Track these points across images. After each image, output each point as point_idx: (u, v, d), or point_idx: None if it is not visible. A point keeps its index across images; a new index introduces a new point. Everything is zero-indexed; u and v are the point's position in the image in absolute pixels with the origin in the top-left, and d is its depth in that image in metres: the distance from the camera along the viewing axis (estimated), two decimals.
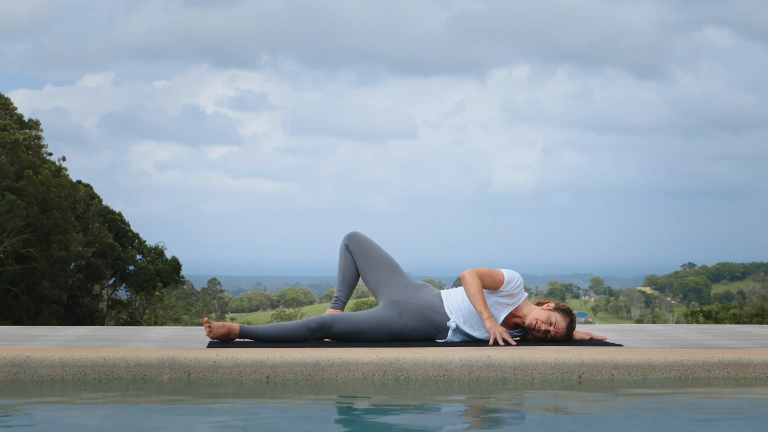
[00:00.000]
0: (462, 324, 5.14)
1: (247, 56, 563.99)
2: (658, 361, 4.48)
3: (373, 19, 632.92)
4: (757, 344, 5.36)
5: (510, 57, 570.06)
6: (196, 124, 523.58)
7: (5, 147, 29.72)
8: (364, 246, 5.42)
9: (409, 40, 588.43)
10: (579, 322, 6.38)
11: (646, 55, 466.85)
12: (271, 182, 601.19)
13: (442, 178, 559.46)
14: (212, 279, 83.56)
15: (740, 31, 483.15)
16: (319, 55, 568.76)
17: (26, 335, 5.65)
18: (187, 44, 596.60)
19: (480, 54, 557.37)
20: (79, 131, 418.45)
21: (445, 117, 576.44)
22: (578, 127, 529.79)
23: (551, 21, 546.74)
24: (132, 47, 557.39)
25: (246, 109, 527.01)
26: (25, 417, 3.64)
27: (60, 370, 4.30)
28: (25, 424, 3.49)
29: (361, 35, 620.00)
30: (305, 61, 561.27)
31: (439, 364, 4.39)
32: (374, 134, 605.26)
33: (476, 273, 5.11)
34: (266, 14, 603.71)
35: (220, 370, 4.31)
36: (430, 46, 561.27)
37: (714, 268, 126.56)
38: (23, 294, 30.42)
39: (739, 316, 33.10)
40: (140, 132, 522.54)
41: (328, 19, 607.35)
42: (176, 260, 40.43)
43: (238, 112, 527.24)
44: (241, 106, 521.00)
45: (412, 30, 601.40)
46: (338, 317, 5.12)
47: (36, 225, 29.57)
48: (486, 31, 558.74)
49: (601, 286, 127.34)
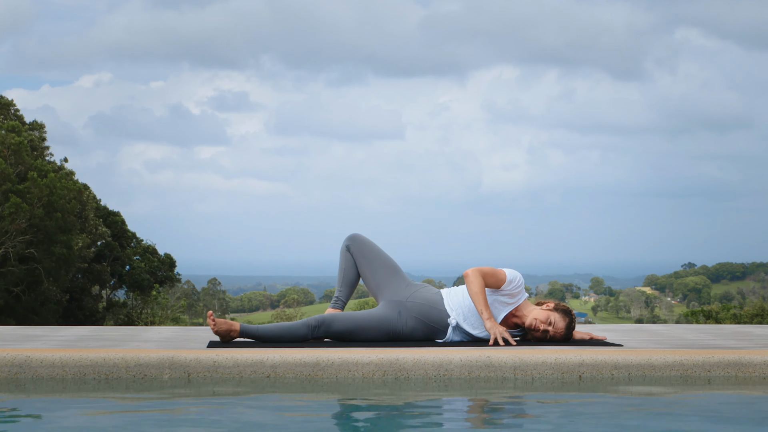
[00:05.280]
0: (462, 322, 5.14)
1: (232, 56, 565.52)
2: (658, 361, 4.48)
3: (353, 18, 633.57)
4: (757, 344, 5.36)
5: (489, 58, 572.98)
6: (184, 125, 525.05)
7: (9, 149, 29.73)
8: (365, 247, 5.44)
9: (390, 40, 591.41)
10: (579, 322, 6.38)
11: (624, 56, 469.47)
12: (263, 182, 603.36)
13: (432, 178, 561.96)
14: (212, 279, 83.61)
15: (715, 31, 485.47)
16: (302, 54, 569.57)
17: (26, 335, 5.65)
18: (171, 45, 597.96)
19: (459, 55, 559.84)
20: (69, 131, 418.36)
21: (430, 117, 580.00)
22: (562, 128, 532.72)
23: (527, 21, 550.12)
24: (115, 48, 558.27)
25: (232, 109, 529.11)
26: (25, 417, 3.64)
27: (60, 370, 4.30)
28: (25, 424, 3.49)
29: (342, 35, 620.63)
30: (288, 61, 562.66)
31: (439, 364, 4.39)
32: (360, 134, 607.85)
33: (479, 271, 5.12)
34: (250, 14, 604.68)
35: (220, 370, 4.31)
36: (410, 47, 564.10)
37: (714, 268, 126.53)
38: (24, 294, 30.43)
39: (739, 316, 33.12)
40: (128, 132, 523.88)
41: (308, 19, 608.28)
42: (170, 257, 40.26)
43: (225, 112, 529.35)
44: (227, 106, 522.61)
45: (392, 30, 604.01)
46: (338, 316, 5.14)
47: (39, 227, 29.59)
48: (463, 31, 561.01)
49: (601, 286, 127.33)
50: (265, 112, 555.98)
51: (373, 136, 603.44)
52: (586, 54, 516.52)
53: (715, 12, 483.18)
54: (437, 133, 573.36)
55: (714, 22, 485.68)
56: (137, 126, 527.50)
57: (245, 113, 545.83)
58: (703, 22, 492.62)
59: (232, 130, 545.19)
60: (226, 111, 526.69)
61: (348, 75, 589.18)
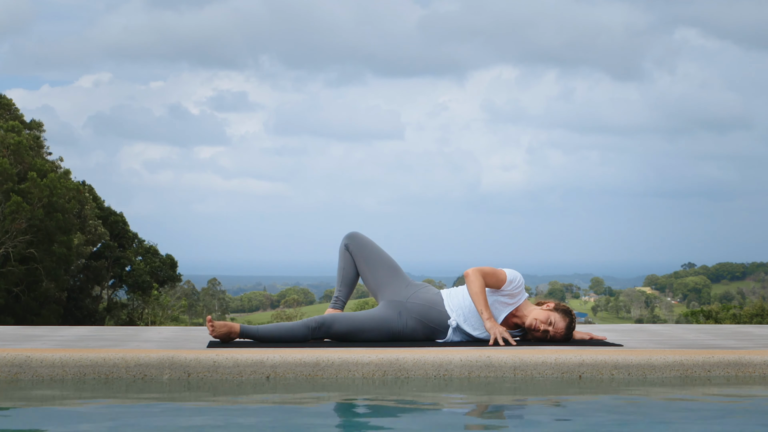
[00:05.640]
0: (462, 323, 5.14)
1: (231, 56, 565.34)
2: (658, 361, 4.48)
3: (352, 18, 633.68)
4: (757, 344, 5.36)
5: (488, 58, 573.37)
6: (183, 125, 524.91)
7: (9, 149, 29.73)
8: (364, 246, 5.41)
9: (389, 40, 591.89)
10: (579, 322, 6.38)
11: (623, 56, 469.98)
12: (262, 182, 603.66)
13: (431, 178, 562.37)
14: (212, 279, 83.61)
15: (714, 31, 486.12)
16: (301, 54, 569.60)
17: (26, 335, 5.65)
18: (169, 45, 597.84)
19: (458, 55, 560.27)
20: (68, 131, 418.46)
21: (429, 117, 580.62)
22: (562, 128, 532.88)
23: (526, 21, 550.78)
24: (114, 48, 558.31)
25: (231, 109, 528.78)
26: (25, 417, 3.64)
27: (60, 370, 4.30)
28: (25, 425, 3.49)
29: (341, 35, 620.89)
30: (287, 61, 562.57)
31: (439, 364, 4.39)
32: (360, 134, 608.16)
33: (480, 271, 5.11)
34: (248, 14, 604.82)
35: (220, 370, 4.31)
36: (409, 47, 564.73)
37: (714, 268, 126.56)
38: (24, 294, 30.44)
39: (739, 316, 33.11)
40: (127, 132, 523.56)
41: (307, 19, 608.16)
42: (171, 257, 40.27)
43: (224, 112, 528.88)
44: (226, 106, 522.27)
45: (391, 30, 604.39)
46: (338, 317, 5.12)
47: (39, 227, 29.60)
48: (462, 31, 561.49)
49: (601, 286, 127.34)
50: (264, 112, 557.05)
51: (372, 136, 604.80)
52: (585, 54, 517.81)
53: (713, 12, 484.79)
54: (436, 133, 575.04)
55: (712, 22, 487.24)
56: (136, 126, 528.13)
57: (244, 113, 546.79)
58: (701, 22, 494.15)
59: (231, 130, 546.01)
60: (225, 111, 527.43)
61: (347, 75, 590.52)
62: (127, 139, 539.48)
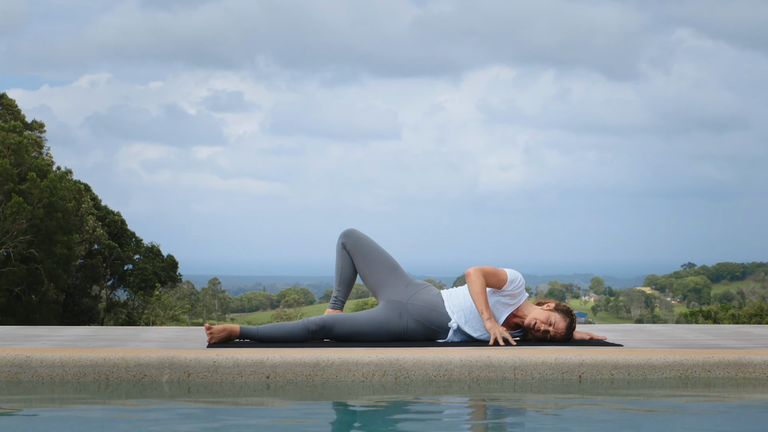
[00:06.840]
0: (463, 325, 5.13)
1: (226, 56, 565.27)
2: (658, 361, 4.48)
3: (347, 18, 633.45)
4: (757, 344, 5.36)
5: (483, 58, 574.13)
6: (180, 125, 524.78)
7: (9, 149, 29.73)
8: (361, 244, 5.35)
9: (384, 40, 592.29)
10: (579, 322, 6.38)
11: (618, 56, 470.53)
12: (260, 182, 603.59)
13: (429, 178, 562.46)
14: (212, 279, 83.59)
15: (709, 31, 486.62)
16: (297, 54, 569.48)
17: (26, 335, 5.65)
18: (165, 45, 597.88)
19: (454, 55, 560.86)
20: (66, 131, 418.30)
21: (426, 117, 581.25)
22: (558, 128, 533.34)
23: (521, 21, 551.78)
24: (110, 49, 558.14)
25: (227, 109, 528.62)
26: (25, 417, 3.64)
27: (60, 370, 4.29)
28: (26, 425, 3.49)
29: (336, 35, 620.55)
30: (283, 61, 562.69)
31: (439, 364, 4.39)
32: (357, 135, 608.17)
33: (481, 271, 5.09)
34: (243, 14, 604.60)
35: (220, 370, 4.31)
36: (404, 47, 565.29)
37: (714, 268, 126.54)
38: (25, 294, 30.45)
39: (737, 317, 33.10)
40: (125, 133, 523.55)
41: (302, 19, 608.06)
42: (172, 258, 40.29)
43: (221, 112, 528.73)
44: (222, 106, 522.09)
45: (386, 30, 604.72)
46: (339, 319, 5.10)
47: (40, 227, 29.60)
48: (457, 31, 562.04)
49: (601, 286, 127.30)
50: (260, 112, 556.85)
51: (369, 136, 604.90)
52: (580, 54, 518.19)
53: (708, 12, 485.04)
54: (433, 133, 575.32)
55: (707, 22, 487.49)
56: (134, 126, 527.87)
57: (240, 113, 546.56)
58: (696, 22, 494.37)
59: (228, 130, 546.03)
60: (222, 111, 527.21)
61: (343, 75, 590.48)
62: (125, 139, 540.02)
